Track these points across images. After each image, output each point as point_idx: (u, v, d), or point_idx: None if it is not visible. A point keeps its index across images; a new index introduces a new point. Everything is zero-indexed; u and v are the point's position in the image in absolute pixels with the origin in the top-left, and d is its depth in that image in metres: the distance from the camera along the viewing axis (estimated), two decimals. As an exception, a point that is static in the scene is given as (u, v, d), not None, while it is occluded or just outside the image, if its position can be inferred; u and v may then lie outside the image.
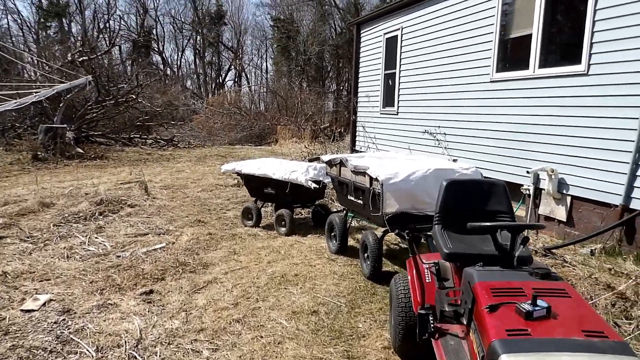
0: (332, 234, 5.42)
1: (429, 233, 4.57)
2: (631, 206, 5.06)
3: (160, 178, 10.93)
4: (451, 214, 3.19)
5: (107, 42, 30.80)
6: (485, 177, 4.58)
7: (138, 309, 3.99)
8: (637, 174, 5.01)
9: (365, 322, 3.76)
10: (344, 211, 5.55)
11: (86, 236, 6.07)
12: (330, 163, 5.40)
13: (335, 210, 6.87)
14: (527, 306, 1.97)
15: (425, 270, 3.02)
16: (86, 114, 17.68)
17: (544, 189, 6.17)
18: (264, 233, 6.38)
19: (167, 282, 4.59)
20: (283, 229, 6.31)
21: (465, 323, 2.26)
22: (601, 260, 4.96)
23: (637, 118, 4.97)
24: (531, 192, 6.34)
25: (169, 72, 42.15)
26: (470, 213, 3.18)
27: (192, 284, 4.55)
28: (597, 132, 5.47)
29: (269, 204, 7.24)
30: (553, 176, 5.93)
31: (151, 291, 4.38)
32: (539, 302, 1.98)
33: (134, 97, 19.29)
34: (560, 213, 5.98)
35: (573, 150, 5.78)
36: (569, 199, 5.89)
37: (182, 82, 39.61)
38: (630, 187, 5.06)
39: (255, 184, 6.66)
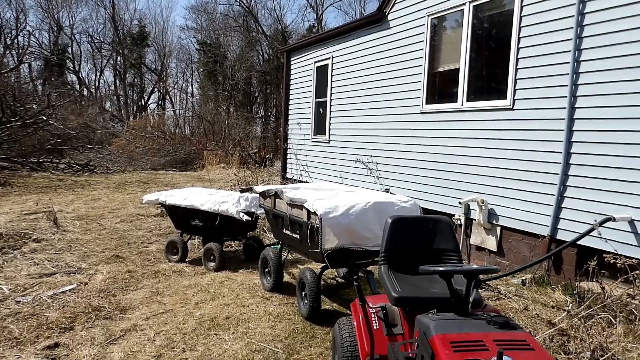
0: (266, 269, 5.09)
1: (368, 269, 4.40)
2: (557, 237, 5.23)
3: (73, 207, 9.98)
4: (397, 253, 3.02)
5: (15, 59, 28.56)
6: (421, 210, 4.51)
7: (39, 369, 3.40)
8: (562, 205, 5.21)
9: (305, 370, 3.46)
10: (279, 245, 5.24)
11: (-21, 278, 5.25)
12: (264, 194, 5.10)
13: (268, 243, 6.55)
14: (493, 364, 1.80)
15: (372, 315, 2.80)
16: (-13, 135, 16.01)
17: (474, 219, 6.28)
18: (190, 269, 5.89)
19: (76, 333, 4.00)
20: (212, 264, 5.87)
21: None
22: (532, 291, 5.04)
23: (561, 152, 5.19)
24: (462, 222, 6.43)
25: (85, 92, 39.80)
26: (417, 252, 3.04)
27: (106, 333, 4.00)
28: (524, 165, 5.66)
29: (197, 236, 6.76)
30: (483, 207, 6.05)
31: (56, 344, 3.78)
32: (505, 358, 1.82)
33: (45, 118, 17.81)
34: (491, 243, 6.09)
35: (501, 181, 5.95)
36: (498, 229, 6.02)
37: (101, 103, 37.47)
38: (556, 219, 5.25)
39: (182, 216, 6.18)
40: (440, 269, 2.27)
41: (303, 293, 4.36)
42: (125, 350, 3.69)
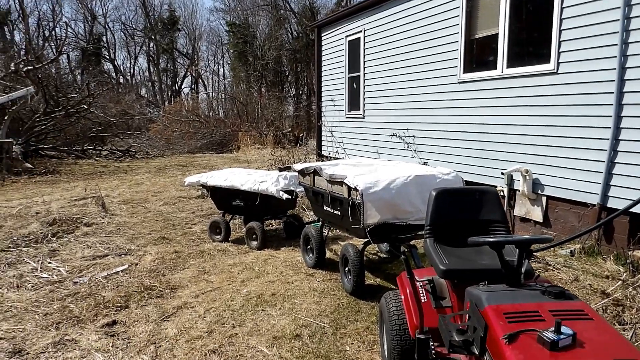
0: (308, 247, 5.14)
1: (411, 243, 4.37)
2: (608, 205, 5.04)
3: (119, 192, 10.34)
4: (443, 225, 2.98)
5: (54, 51, 29.42)
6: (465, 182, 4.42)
7: (100, 345, 3.58)
8: (613, 172, 4.99)
9: (352, 344, 3.50)
10: (320, 222, 5.28)
11: (38, 261, 5.54)
12: (303, 172, 5.12)
13: (308, 221, 6.60)
14: (550, 335, 1.76)
15: (420, 289, 2.79)
16: (34, 126, 16.68)
17: (518, 190, 6.12)
18: (234, 248, 6.03)
19: (131, 311, 4.18)
20: (254, 243, 5.98)
21: (476, 353, 2.04)
22: (582, 262, 4.90)
23: (610, 116, 4.96)
24: (505, 193, 6.27)
25: (121, 80, 40.72)
26: (463, 224, 2.99)
27: (160, 310, 4.16)
28: (571, 131, 5.44)
29: (238, 216, 6.89)
30: (527, 177, 5.88)
31: (114, 322, 3.97)
32: (563, 328, 1.77)
33: (86, 107, 18.37)
34: (536, 214, 5.93)
35: (546, 149, 5.75)
36: (544, 199, 5.85)
37: (137, 90, 38.31)
38: (606, 186, 5.04)
39: (223, 196, 6.30)
40: (491, 239, 2.22)
41: (346, 269, 4.39)
42: (179, 326, 3.83)
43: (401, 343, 2.76)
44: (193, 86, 43.12)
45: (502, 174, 6.17)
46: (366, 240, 4.32)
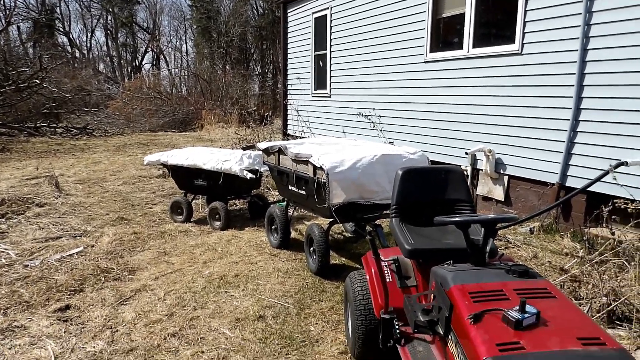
0: (273, 227, 5.05)
1: (377, 222, 4.35)
2: (567, 184, 5.15)
3: (74, 171, 9.90)
4: (409, 205, 2.94)
5: (2, 21, 27.73)
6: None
7: (52, 330, 3.40)
8: (572, 152, 5.10)
9: (317, 324, 3.46)
10: (285, 202, 5.19)
11: (-15, 244, 5.23)
12: (267, 151, 4.99)
13: (273, 200, 6.50)
14: (515, 314, 1.74)
15: (385, 269, 2.76)
16: (-19, 101, 15.73)
17: (481, 170, 6.19)
18: (196, 229, 5.87)
19: (86, 294, 4.00)
20: (218, 223, 5.84)
21: (441, 333, 2.01)
22: (541, 239, 5.02)
23: (572, 97, 5.04)
24: (469, 173, 6.34)
25: (77, 54, 38.87)
26: (429, 203, 2.96)
27: (117, 294, 4.00)
28: (533, 112, 5.51)
29: (201, 196, 6.71)
30: (490, 156, 5.95)
31: (67, 307, 3.78)
32: (528, 307, 1.76)
33: (38, 81, 17.45)
34: (498, 193, 6.03)
35: (509, 130, 5.81)
36: (506, 178, 5.94)
37: (94, 65, 36.67)
38: (566, 166, 5.15)
39: (184, 176, 6.10)
40: (457, 219, 2.19)
41: (311, 249, 4.33)
42: (137, 310, 3.69)
43: (366, 323, 2.73)
44: (154, 62, 41.70)
45: (466, 153, 6.22)
46: (331, 220, 4.26)
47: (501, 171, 5.97)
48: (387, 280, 2.70)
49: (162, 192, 7.86)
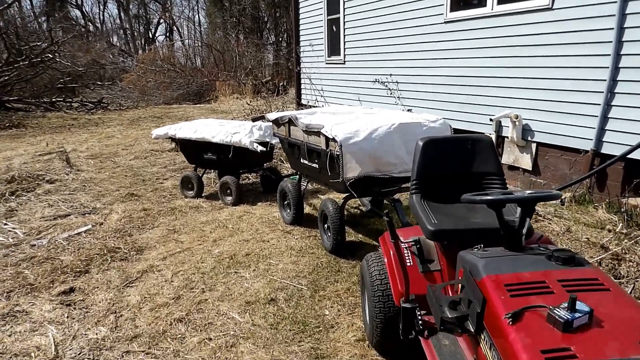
0: (285, 202, 4.80)
1: (395, 197, 4.06)
2: (602, 151, 4.75)
3: (87, 146, 9.77)
4: (431, 179, 2.64)
5: (14, -5, 27.36)
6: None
7: (54, 315, 3.25)
8: (609, 115, 4.67)
9: (332, 307, 3.23)
10: (297, 175, 4.91)
11: (-7, 223, 5.12)
12: (277, 122, 4.69)
13: (287, 174, 6.24)
14: (563, 312, 1.46)
15: (405, 251, 2.48)
16: (-4, 77, 15.66)
17: (507, 137, 5.80)
18: (207, 204, 5.66)
19: (92, 276, 3.84)
20: (229, 199, 5.62)
21: (472, 330, 1.74)
22: (573, 211, 4.67)
23: (609, 54, 4.58)
24: (494, 140, 5.94)
25: (91, 28, 38.53)
26: (453, 177, 2.65)
27: (123, 275, 3.83)
28: (565, 72, 5.06)
29: (212, 170, 6.48)
30: (517, 122, 5.54)
31: (72, 289, 3.63)
32: (578, 304, 1.47)
33: (51, 56, 17.29)
34: (525, 161, 5.65)
35: (538, 93, 5.38)
36: (534, 146, 5.55)
37: (108, 38, 36.38)
38: (601, 131, 4.74)
39: (193, 150, 5.86)
40: (490, 198, 1.88)
41: (325, 225, 4.08)
42: (142, 292, 3.51)
43: (384, 311, 2.48)
44: (167, 34, 41.17)
45: (491, 120, 5.82)
46: (347, 194, 3.99)
47: (529, 138, 5.57)
48: (408, 264, 2.43)
49: (174, 166, 7.67)
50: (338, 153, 3.58)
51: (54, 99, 17.65)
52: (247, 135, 5.29)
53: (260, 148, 5.19)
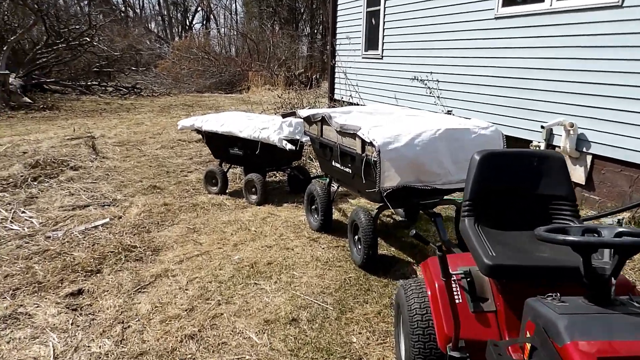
0: (313, 206, 4.45)
1: (436, 210, 3.66)
2: (673, 170, 4.22)
3: (115, 132, 9.66)
4: (488, 201, 2.24)
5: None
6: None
7: (58, 321, 3.00)
8: (684, 130, 4.13)
9: (360, 333, 2.87)
10: (327, 178, 4.55)
11: (11, 210, 4.96)
12: (309, 120, 4.33)
13: (316, 174, 5.90)
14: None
15: (453, 284, 2.10)
16: (35, 58, 15.83)
17: (558, 147, 5.28)
18: (231, 202, 5.38)
19: (103, 277, 3.59)
20: (254, 197, 5.32)
21: None
22: (634, 235, 4.15)
23: (689, 61, 4.03)
24: (542, 149, 5.45)
25: (130, 13, 38.97)
26: (515, 200, 2.24)
27: (135, 278, 3.56)
28: (632, 78, 4.52)
29: (237, 166, 6.19)
30: (572, 131, 5.03)
31: (80, 291, 3.38)
32: None
33: (89, 39, 17.40)
34: (578, 175, 5.13)
35: (598, 100, 4.85)
36: (589, 158, 5.02)
37: (146, 24, 36.70)
38: (673, 147, 4.20)
39: (220, 144, 5.57)
40: (577, 239, 1.47)
41: (356, 237, 3.71)
42: (154, 300, 3.23)
43: (425, 353, 2.10)
44: (204, 22, 41.30)
45: (542, 127, 5.31)
46: (381, 204, 3.61)
47: (584, 149, 5.05)
48: (457, 300, 2.04)
49: (200, 158, 7.43)
50: (375, 159, 3.20)
51: (89, 83, 17.80)
52: (276, 131, 4.97)
53: (289, 146, 4.85)
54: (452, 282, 2.11)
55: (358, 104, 9.37)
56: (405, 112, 4.30)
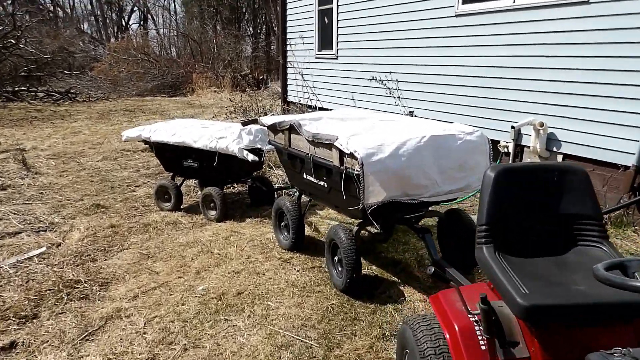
0: (283, 223, 4.05)
1: (423, 225, 3.37)
2: (648, 168, 4.16)
3: (49, 143, 8.77)
4: (507, 224, 1.94)
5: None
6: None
7: (-14, 389, 2.44)
8: (658, 128, 4.08)
9: (353, 375, 2.51)
10: (296, 191, 4.16)
11: None
12: (274, 128, 3.91)
13: (279, 185, 5.49)
14: None
15: (474, 324, 1.78)
16: (-48, 63, 14.34)
17: (527, 147, 5.18)
18: (187, 219, 4.87)
19: (41, 323, 3.02)
20: (213, 213, 4.84)
21: None
22: (611, 235, 4.07)
23: (661, 58, 3.97)
24: (511, 149, 5.33)
25: (60, 13, 36.62)
26: (535, 221, 1.96)
27: (81, 323, 3.02)
28: (602, 76, 4.45)
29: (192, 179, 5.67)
30: (542, 131, 4.92)
31: (13, 344, 2.81)
32: None
33: (13, 41, 16.00)
34: (550, 175, 5.03)
35: (568, 98, 4.77)
36: (559, 157, 4.94)
37: (78, 24, 34.62)
38: (647, 145, 4.14)
39: (172, 156, 5.04)
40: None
41: (335, 258, 3.35)
42: (106, 351, 2.71)
43: (444, 410, 1.77)
44: (142, 22, 39.53)
45: (513, 127, 5.18)
46: (361, 221, 3.27)
47: (554, 149, 4.96)
48: (481, 346, 1.73)
49: (148, 170, 6.81)
50: (358, 172, 2.85)
51: (17, 88, 16.37)
52: (235, 140, 4.52)
53: (251, 157, 4.42)
54: (472, 321, 1.79)
55: (316, 107, 9.02)
56: (379, 116, 3.98)
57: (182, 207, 5.16)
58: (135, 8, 38.93)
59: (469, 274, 3.38)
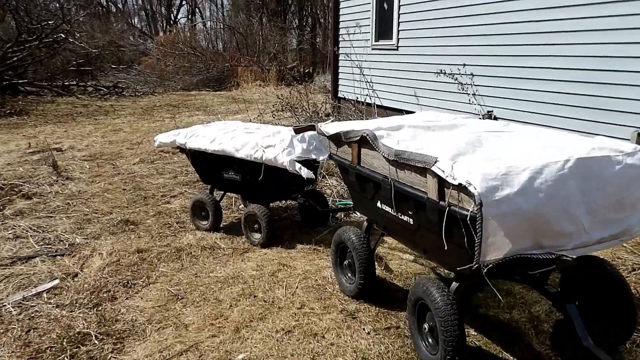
0: (346, 262, 3.12)
1: (557, 290, 2.38)
2: None
3: (88, 142, 8.28)
4: None
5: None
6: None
7: None
8: None
9: None
10: (365, 222, 3.21)
11: None
12: (337, 139, 2.99)
13: (335, 200, 4.61)
14: None
15: None
16: (6, 57, 14.29)
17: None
18: (226, 243, 4.06)
19: (31, 403, 2.27)
20: (257, 236, 4.01)
21: None
22: None
23: None
24: (631, 162, 4.19)
25: (113, 9, 37.19)
26: None
27: (82, 405, 2.24)
28: None
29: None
30: (681, 141, 3.77)
31: None
32: None
33: (63, 35, 15.87)
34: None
35: None
36: None
37: (128, 19, 35.02)
38: None
39: (210, 166, 4.23)
40: None
41: (425, 326, 2.40)
42: None
43: None
44: (189, 16, 39.61)
45: (639, 134, 4.05)
46: (461, 275, 2.32)
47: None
48: None
49: (186, 176, 6.08)
50: (474, 215, 1.90)
51: (66, 83, 16.30)
52: (285, 150, 3.65)
53: (305, 172, 3.53)
54: None
55: (374, 105, 8.05)
56: (476, 124, 2.97)
57: (221, 225, 4.36)
58: (184, 2, 39.04)
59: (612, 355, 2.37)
